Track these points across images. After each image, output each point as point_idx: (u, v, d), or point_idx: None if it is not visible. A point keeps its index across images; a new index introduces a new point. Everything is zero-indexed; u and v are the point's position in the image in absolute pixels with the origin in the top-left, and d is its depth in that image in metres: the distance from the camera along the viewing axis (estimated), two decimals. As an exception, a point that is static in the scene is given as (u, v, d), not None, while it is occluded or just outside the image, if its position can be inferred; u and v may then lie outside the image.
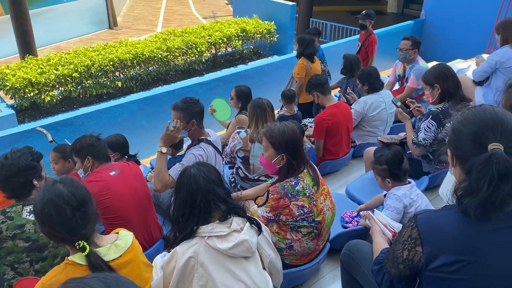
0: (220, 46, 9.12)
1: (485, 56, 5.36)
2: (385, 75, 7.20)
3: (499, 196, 1.27)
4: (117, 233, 1.95)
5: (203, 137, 3.19)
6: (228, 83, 7.54)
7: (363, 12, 6.77)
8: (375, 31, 10.09)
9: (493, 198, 1.27)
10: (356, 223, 2.94)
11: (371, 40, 6.67)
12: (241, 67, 8.83)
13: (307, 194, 2.43)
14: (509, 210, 1.30)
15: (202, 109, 3.20)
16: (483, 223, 1.30)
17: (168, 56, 8.19)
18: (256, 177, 3.50)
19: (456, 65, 7.22)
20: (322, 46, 9.33)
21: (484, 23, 8.95)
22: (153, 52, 8.00)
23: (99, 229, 2.94)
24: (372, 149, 3.65)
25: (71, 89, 7.24)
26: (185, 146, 3.92)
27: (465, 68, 6.30)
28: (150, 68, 8.26)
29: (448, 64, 6.85)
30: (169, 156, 3.98)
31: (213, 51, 9.25)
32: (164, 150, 2.98)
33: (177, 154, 3.96)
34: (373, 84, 4.35)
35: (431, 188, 3.38)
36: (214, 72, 8.64)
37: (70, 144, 3.20)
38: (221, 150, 3.37)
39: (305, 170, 2.49)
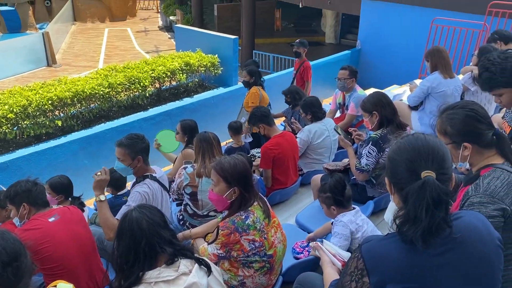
0: (164, 80, 9.08)
1: (417, 81, 5.70)
2: (327, 103, 7.45)
3: (435, 222, 1.32)
4: (55, 286, 1.81)
5: (148, 174, 3.11)
6: (173, 117, 7.48)
7: (297, 40, 7.13)
8: (316, 61, 10.56)
9: (431, 225, 1.32)
10: (307, 253, 2.94)
11: (306, 66, 7.07)
12: (186, 100, 8.81)
13: (258, 227, 2.40)
14: (445, 234, 1.36)
15: (148, 145, 3.14)
16: (424, 249, 1.34)
17: (110, 92, 8.03)
18: (205, 213, 3.44)
19: (392, 91, 7.61)
20: (265, 77, 9.58)
21: (415, 51, 9.57)
22: (94, 89, 7.81)
23: (37, 281, 2.74)
24: (318, 176, 3.71)
25: (6, 130, 6.86)
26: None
27: (400, 93, 6.65)
28: (91, 105, 8.04)
29: (385, 90, 7.26)
30: (110, 195, 3.83)
31: (157, 85, 9.18)
32: (102, 198, 2.89)
33: (119, 193, 3.83)
34: (316, 113, 4.47)
35: (377, 212, 3.47)
36: (159, 106, 8.55)
37: (4, 190, 3.01)
38: (167, 187, 3.30)
39: (255, 203, 2.48)
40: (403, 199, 1.40)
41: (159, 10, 27.23)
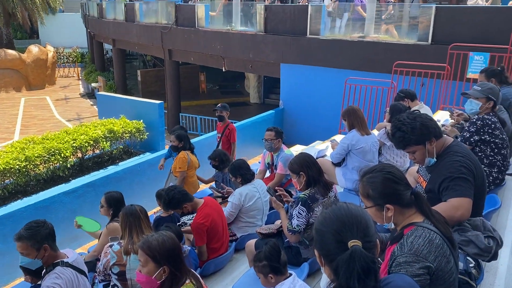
0: (87, 149, 8.72)
1: (338, 138, 5.99)
2: (256, 161, 7.57)
3: None
4: None
5: (58, 261, 2.85)
6: (97, 187, 7.12)
7: (219, 105, 7.28)
8: (242, 122, 10.81)
9: None
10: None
11: (231, 128, 7.22)
12: (111, 169, 8.47)
13: (191, 307, 2.27)
14: None
15: (52, 229, 2.89)
16: None
17: (28, 166, 7.52)
18: (135, 293, 3.21)
19: (316, 146, 7.92)
20: (193, 140, 9.58)
21: (333, 108, 10.17)
22: (8, 163, 7.28)
23: None
24: (252, 242, 3.66)
25: None
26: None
27: (324, 149, 6.94)
28: (6, 181, 7.44)
29: (309, 146, 7.53)
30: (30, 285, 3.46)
31: (79, 155, 8.78)
32: None
33: (39, 282, 3.47)
34: (245, 175, 4.49)
35: (313, 273, 3.46)
36: (82, 177, 8.13)
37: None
38: (86, 269, 3.05)
39: (187, 281, 2.35)
40: (334, 271, 1.40)
41: (80, 77, 26.73)
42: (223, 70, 13.92)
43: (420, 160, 2.63)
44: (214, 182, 5.97)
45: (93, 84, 22.05)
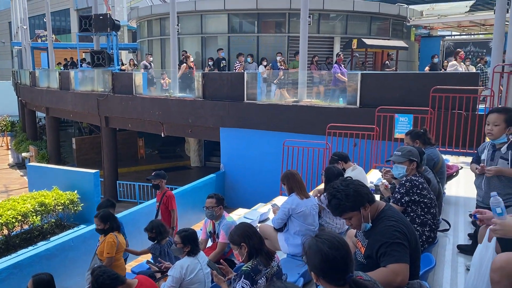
0: (14, 225, 8.08)
1: (279, 202, 6.04)
2: (198, 228, 7.37)
3: None
4: None
5: None
6: (24, 268, 6.53)
7: (153, 174, 7.05)
8: (183, 188, 10.63)
9: None
10: None
11: (168, 195, 6.96)
12: (41, 245, 7.84)
13: None
14: None
15: None
16: None
17: None
18: None
19: (259, 210, 7.91)
20: (130, 210, 9.21)
21: (273, 169, 10.34)
22: None
23: None
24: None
25: None
26: None
27: (266, 212, 6.94)
28: None
29: (251, 209, 7.50)
30: None
31: (5, 232, 8.10)
32: None
33: None
34: (194, 248, 4.35)
35: None
36: (7, 257, 7.44)
37: None
38: None
39: None
40: None
41: (10, 147, 25.35)
42: (162, 135, 13.85)
43: (357, 226, 2.71)
44: (151, 256, 5.68)
45: (23, 154, 20.92)
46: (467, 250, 3.74)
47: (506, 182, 3.53)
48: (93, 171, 9.84)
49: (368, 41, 16.47)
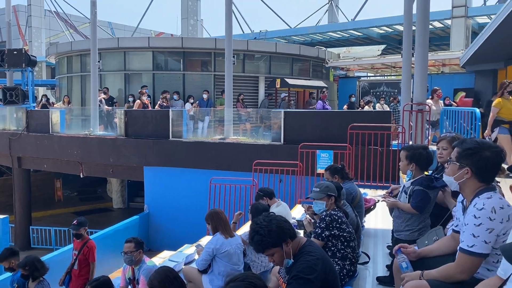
0: None
1: (203, 243, 5.86)
2: (119, 274, 6.90)
3: None
4: None
5: None
6: None
7: (74, 222, 6.38)
8: (103, 231, 10.01)
9: None
10: None
11: (90, 246, 6.31)
12: None
13: None
14: None
15: None
16: None
17: None
18: None
19: (185, 251, 7.63)
20: (44, 257, 8.44)
21: (200, 209, 10.11)
22: None
23: None
24: None
25: None
26: None
27: (192, 253, 6.71)
28: None
29: (177, 251, 7.21)
30: None
31: None
32: None
33: None
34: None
35: None
36: None
37: None
38: None
39: None
40: None
41: None
42: (81, 176, 13.10)
43: (279, 262, 2.70)
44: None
45: None
46: (385, 281, 3.84)
47: (404, 215, 3.72)
48: (2, 216, 8.99)
49: (291, 81, 17.19)
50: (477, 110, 7.07)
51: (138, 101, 13.35)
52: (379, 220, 5.76)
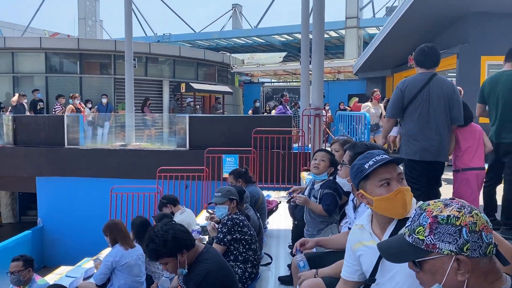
0: None
1: (102, 256, 5.56)
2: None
3: None
4: None
5: None
6: None
7: None
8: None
9: None
10: None
11: None
12: None
13: None
14: None
15: None
16: None
17: None
18: None
19: (84, 265, 7.17)
20: None
21: (101, 220, 9.54)
22: None
23: None
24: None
25: None
26: None
27: (92, 267, 6.32)
28: None
29: (76, 265, 6.75)
30: None
31: None
32: None
33: None
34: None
35: None
36: None
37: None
38: None
39: None
40: None
41: None
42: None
43: (173, 271, 2.68)
44: None
45: None
46: (287, 281, 3.96)
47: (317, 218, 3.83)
48: None
49: (196, 86, 17.11)
50: (367, 114, 7.65)
51: (71, 105, 12.13)
52: (281, 221, 5.94)
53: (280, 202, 6.07)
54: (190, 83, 16.99)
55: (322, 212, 3.55)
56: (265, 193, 7.17)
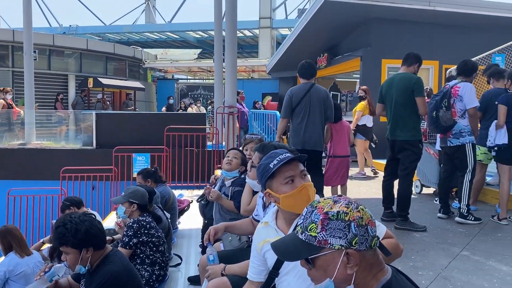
0: None
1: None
2: None
3: None
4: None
5: None
6: None
7: None
8: None
9: None
10: None
11: None
12: None
13: None
14: None
15: None
16: None
17: None
18: None
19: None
20: None
21: (-5, 226, 8.75)
22: None
23: None
24: None
25: None
26: None
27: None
28: None
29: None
30: None
31: None
32: None
33: None
34: None
35: None
36: None
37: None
38: None
39: None
40: None
41: None
42: None
43: (71, 265, 2.53)
44: None
45: None
46: (196, 281, 3.92)
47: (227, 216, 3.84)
48: None
49: (105, 81, 16.31)
50: (278, 113, 7.86)
51: (1, 100, 10.60)
52: (193, 220, 5.87)
53: (192, 201, 6.00)
54: (98, 78, 16.13)
55: (234, 209, 3.57)
56: (178, 192, 7.07)
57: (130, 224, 3.55)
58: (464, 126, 4.99)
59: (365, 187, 7.67)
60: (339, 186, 5.91)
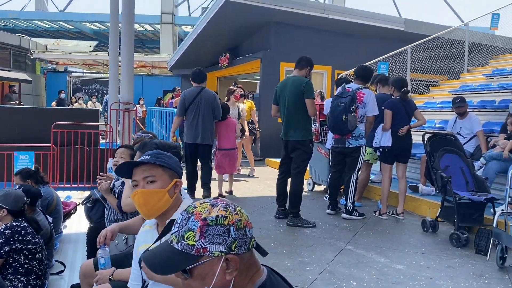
0: None
1: None
2: None
3: None
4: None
5: None
6: None
7: None
8: None
9: None
10: None
11: None
12: None
13: None
14: None
15: None
16: None
17: None
18: None
19: None
20: None
21: None
22: None
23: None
24: None
25: None
26: None
27: None
28: None
29: None
30: None
31: None
32: None
33: None
34: None
35: None
36: None
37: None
38: None
39: None
40: None
41: None
42: None
43: None
44: None
45: None
46: (80, 288, 3.66)
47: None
48: None
49: (-16, 71, 14.61)
50: (175, 110, 7.71)
51: None
52: (81, 223, 5.48)
53: (79, 203, 5.60)
54: (-24, 67, 14.44)
55: (116, 208, 3.47)
56: (66, 193, 6.55)
57: (2, 230, 3.18)
58: (362, 130, 5.38)
59: (262, 185, 7.86)
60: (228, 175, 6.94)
